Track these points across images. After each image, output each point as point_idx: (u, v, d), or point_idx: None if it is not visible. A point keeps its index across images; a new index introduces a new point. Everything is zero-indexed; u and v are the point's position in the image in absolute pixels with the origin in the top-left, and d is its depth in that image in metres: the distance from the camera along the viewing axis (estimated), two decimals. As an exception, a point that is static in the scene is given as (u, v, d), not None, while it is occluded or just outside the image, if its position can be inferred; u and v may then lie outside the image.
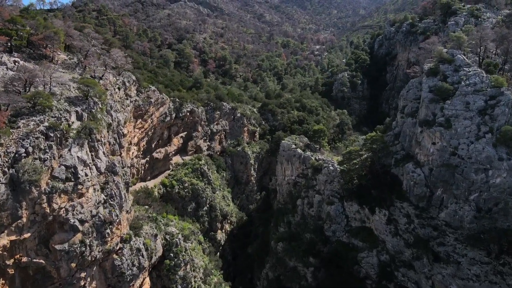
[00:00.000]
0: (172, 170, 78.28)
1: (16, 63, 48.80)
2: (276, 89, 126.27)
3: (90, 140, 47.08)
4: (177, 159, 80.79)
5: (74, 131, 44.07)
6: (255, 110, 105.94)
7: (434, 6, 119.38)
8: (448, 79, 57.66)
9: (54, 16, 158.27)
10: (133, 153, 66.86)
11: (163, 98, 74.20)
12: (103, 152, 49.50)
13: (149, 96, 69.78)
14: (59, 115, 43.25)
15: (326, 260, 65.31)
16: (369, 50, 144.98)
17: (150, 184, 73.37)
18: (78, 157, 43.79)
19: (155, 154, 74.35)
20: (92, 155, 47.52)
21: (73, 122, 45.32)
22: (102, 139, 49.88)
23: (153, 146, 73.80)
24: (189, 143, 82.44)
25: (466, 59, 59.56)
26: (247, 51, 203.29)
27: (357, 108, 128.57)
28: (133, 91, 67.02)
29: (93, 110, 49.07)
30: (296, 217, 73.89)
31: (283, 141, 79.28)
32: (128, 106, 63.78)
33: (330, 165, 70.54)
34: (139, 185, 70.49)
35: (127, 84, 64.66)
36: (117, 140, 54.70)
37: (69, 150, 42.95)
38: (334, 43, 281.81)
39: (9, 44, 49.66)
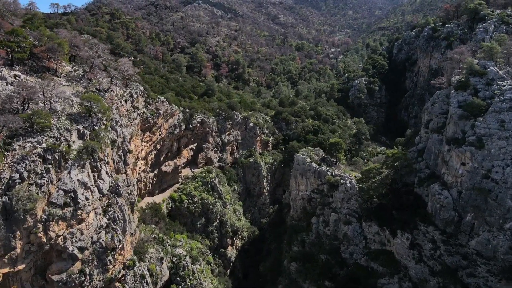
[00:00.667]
0: (181, 184, 75.25)
1: (17, 77, 46.33)
2: (290, 96, 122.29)
3: (92, 160, 44.24)
4: (186, 171, 77.73)
5: (75, 152, 41.23)
6: (268, 118, 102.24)
7: (458, 10, 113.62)
8: (480, 93, 52.80)
9: (67, 20, 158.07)
10: (140, 167, 64.00)
11: (172, 109, 71.20)
12: (107, 172, 46.59)
13: (158, 108, 66.83)
14: (59, 135, 40.44)
15: (342, 284, 61.08)
16: (387, 55, 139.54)
17: (158, 198, 70.49)
18: (78, 180, 40.92)
19: (163, 167, 71.40)
20: (94, 175, 44.65)
21: (74, 142, 42.52)
22: (106, 158, 46.98)
23: (161, 159, 70.86)
24: (199, 155, 79.31)
25: (499, 71, 54.56)
26: (260, 54, 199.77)
27: (374, 116, 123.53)
28: (141, 103, 64.17)
29: (96, 128, 46.22)
30: (310, 235, 69.83)
31: (297, 155, 75.33)
32: (135, 119, 60.93)
33: (347, 182, 66.26)
34: (147, 200, 67.63)
35: (135, 95, 61.81)
36: (122, 157, 51.79)
37: (69, 172, 40.09)
38: (349, 46, 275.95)
39: (10, 56, 47.19)
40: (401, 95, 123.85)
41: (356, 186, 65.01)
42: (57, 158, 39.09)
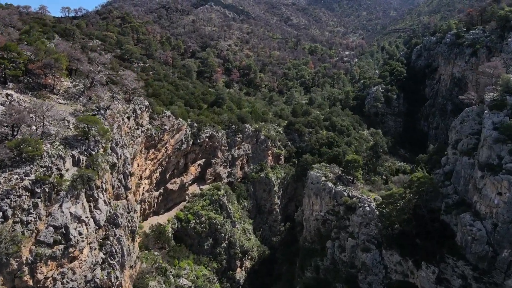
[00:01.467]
0: (188, 202, 71.29)
1: (9, 97, 42.84)
2: (303, 103, 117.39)
3: (88, 188, 40.46)
4: (194, 188, 73.73)
5: (68, 182, 37.46)
6: (280, 129, 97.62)
7: (483, 14, 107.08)
8: (519, 115, 47.30)
9: (77, 25, 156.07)
10: (144, 187, 60.19)
11: (179, 124, 67.26)
12: (104, 201, 42.75)
13: (163, 123, 62.94)
14: (50, 164, 36.74)
15: (360, 318, 56.17)
16: (405, 61, 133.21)
17: (164, 218, 66.66)
18: (71, 213, 37.14)
19: (169, 185, 67.52)
20: (90, 205, 40.87)
21: (67, 170, 38.79)
22: (104, 184, 43.16)
23: (167, 177, 67.00)
24: (207, 171, 75.23)
25: (540, 89, 48.92)
26: (272, 58, 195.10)
27: (392, 126, 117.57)
28: (145, 119, 60.33)
29: (94, 152, 42.45)
30: (325, 261, 65.00)
31: (311, 172, 70.56)
32: (139, 136, 57.11)
33: (366, 205, 61.24)
34: (151, 221, 63.87)
35: (139, 111, 58.01)
36: (123, 181, 47.95)
37: (60, 206, 36.35)
38: (364, 48, 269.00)
39: (2, 74, 43.73)
40: (420, 104, 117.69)
41: (375, 210, 59.99)
42: (47, 190, 35.41)
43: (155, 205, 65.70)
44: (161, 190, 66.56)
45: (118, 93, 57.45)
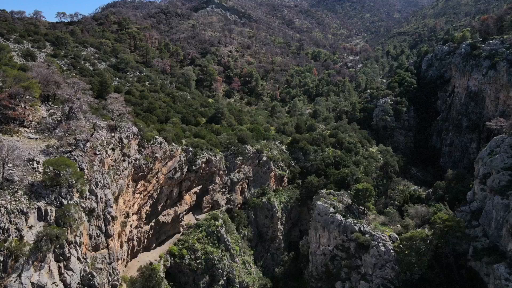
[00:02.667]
0: (182, 234, 64.78)
1: (-34, 137, 36.48)
2: (307, 116, 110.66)
3: (58, 246, 34.04)
4: (189, 218, 67.23)
5: (30, 245, 31.02)
6: (283, 147, 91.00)
7: (498, 23, 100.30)
8: None
9: (70, 32, 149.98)
10: (131, 224, 53.69)
11: (172, 151, 60.75)
12: (78, 258, 36.25)
13: (154, 152, 56.43)
14: (8, 224, 30.28)
15: None
16: (415, 71, 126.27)
17: (155, 254, 60.21)
18: (33, 283, 30.62)
19: (161, 218, 61.06)
20: (60, 267, 34.35)
21: (31, 227, 32.34)
22: (78, 238, 36.65)
23: (159, 208, 60.52)
24: (204, 198, 68.70)
25: None
26: (275, 65, 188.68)
27: (401, 141, 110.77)
28: (133, 148, 53.84)
29: (66, 201, 35.97)
30: (334, 304, 58.20)
31: (318, 203, 63.93)
32: (126, 169, 50.62)
33: (381, 244, 54.57)
34: (141, 258, 57.39)
35: (125, 140, 51.51)
36: (103, 228, 41.48)
37: (19, 276, 29.88)
38: (368, 53, 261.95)
39: (-41, 108, 37.32)
40: (432, 118, 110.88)
41: (392, 251, 53.29)
42: (2, 259, 28.95)
43: (146, 240, 59.22)
44: (152, 224, 60.08)
45: (102, 121, 50.98)
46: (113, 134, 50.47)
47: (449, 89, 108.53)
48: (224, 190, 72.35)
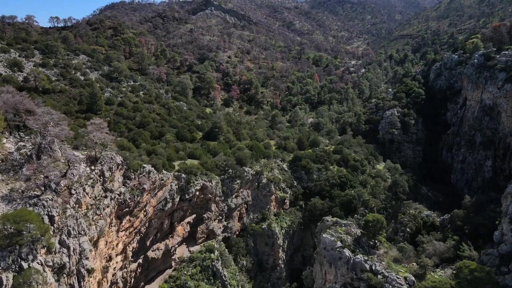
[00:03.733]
0: (174, 269, 58.76)
1: None
2: (309, 128, 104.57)
3: (14, 322, 28.06)
4: (182, 251, 61.24)
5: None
6: (285, 166, 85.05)
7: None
8: None
9: (63, 38, 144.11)
10: (115, 267, 47.70)
11: (162, 179, 54.83)
12: (42, 331, 30.19)
13: (142, 183, 50.47)
14: None
15: None
16: (422, 80, 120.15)
17: (143, 294, 54.05)
18: None
19: (151, 253, 55.10)
20: None
21: (-22, 304, 26.43)
22: (41, 307, 30.59)
23: (148, 243, 54.59)
24: (198, 228, 62.74)
25: None
26: (275, 71, 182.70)
27: (409, 155, 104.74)
28: (117, 180, 47.89)
29: (26, 263, 30.02)
30: None
31: (324, 236, 57.91)
32: (108, 206, 44.65)
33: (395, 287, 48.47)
34: (127, 302, 51.33)
35: (108, 173, 45.54)
36: (76, 286, 35.41)
37: None
38: (371, 57, 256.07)
39: None
40: (442, 131, 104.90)
41: (408, 297, 47.32)
42: None
43: (132, 279, 53.28)
44: (140, 261, 54.16)
45: (82, 151, 45.11)
46: (93, 168, 44.49)
47: (460, 101, 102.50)
48: (220, 217, 66.38)
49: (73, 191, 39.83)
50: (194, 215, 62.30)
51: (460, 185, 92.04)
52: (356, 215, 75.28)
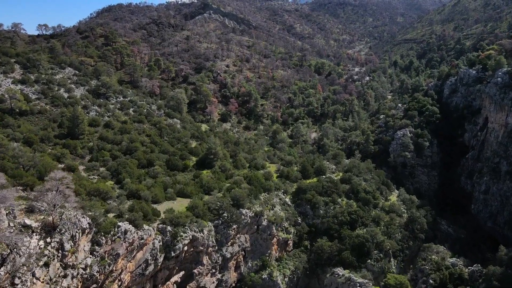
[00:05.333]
0: None
1: None
2: (315, 157, 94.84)
3: None
4: (168, 316, 51.83)
5: None
6: (287, 199, 75.79)
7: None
8: None
9: (50, 49, 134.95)
10: None
11: (142, 238, 45.56)
12: None
13: (115, 248, 41.20)
14: None
15: None
16: (436, 96, 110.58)
17: None
18: None
19: (128, 327, 45.56)
20: None
21: None
22: None
23: (124, 315, 45.04)
24: (188, 286, 53.37)
25: None
26: (275, 81, 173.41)
27: (424, 181, 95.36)
28: (82, 250, 38.61)
29: None
30: None
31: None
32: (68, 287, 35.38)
33: None
34: None
35: (68, 245, 36.28)
36: None
37: None
38: (375, 63, 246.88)
39: None
40: (459, 154, 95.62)
41: None
42: None
43: None
44: (116, 336, 44.86)
45: (37, 216, 35.97)
46: (49, 240, 35.26)
47: (479, 122, 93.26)
48: (213, 270, 57.10)
49: (16, 280, 30.67)
50: (182, 272, 53.00)
51: (483, 217, 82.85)
52: (369, 261, 66.38)
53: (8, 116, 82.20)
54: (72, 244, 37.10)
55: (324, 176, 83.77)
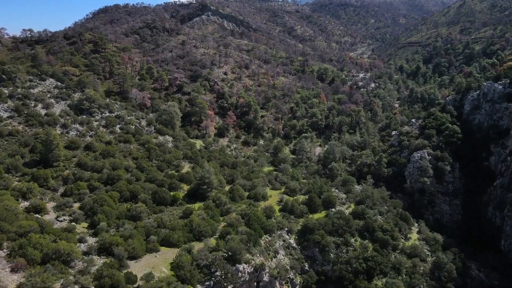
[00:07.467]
0: None
1: None
2: (322, 181, 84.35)
3: None
4: None
5: None
6: (292, 240, 65.11)
7: None
8: None
9: (33, 56, 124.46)
10: None
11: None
12: None
13: None
14: None
15: None
16: (455, 113, 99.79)
17: None
18: None
19: None
20: None
21: None
22: None
23: None
24: None
25: None
26: (276, 89, 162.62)
27: (445, 211, 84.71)
28: None
29: None
30: None
31: None
32: None
33: None
34: None
35: None
36: None
37: None
38: (380, 69, 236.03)
39: None
40: (484, 180, 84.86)
41: None
42: None
43: None
44: None
45: None
46: None
47: (508, 145, 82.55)
48: None
49: None
50: None
51: (516, 258, 72.16)
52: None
53: (-28, 141, 71.82)
54: None
55: (333, 210, 73.10)
